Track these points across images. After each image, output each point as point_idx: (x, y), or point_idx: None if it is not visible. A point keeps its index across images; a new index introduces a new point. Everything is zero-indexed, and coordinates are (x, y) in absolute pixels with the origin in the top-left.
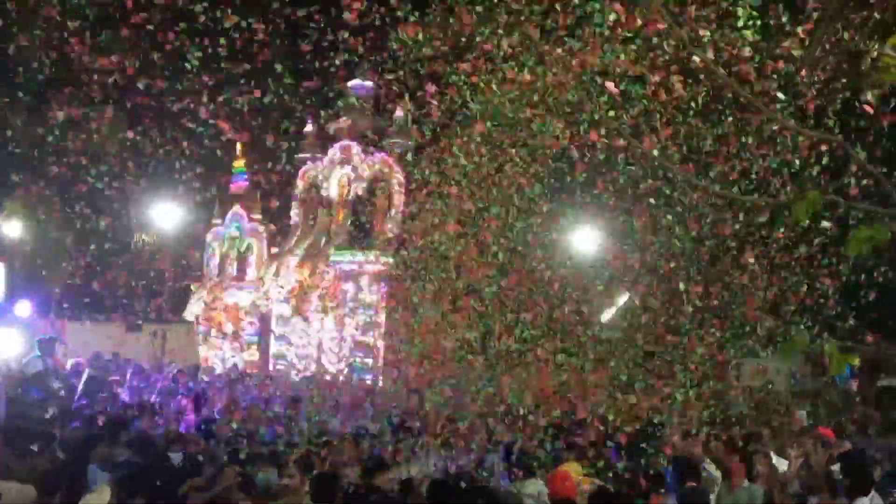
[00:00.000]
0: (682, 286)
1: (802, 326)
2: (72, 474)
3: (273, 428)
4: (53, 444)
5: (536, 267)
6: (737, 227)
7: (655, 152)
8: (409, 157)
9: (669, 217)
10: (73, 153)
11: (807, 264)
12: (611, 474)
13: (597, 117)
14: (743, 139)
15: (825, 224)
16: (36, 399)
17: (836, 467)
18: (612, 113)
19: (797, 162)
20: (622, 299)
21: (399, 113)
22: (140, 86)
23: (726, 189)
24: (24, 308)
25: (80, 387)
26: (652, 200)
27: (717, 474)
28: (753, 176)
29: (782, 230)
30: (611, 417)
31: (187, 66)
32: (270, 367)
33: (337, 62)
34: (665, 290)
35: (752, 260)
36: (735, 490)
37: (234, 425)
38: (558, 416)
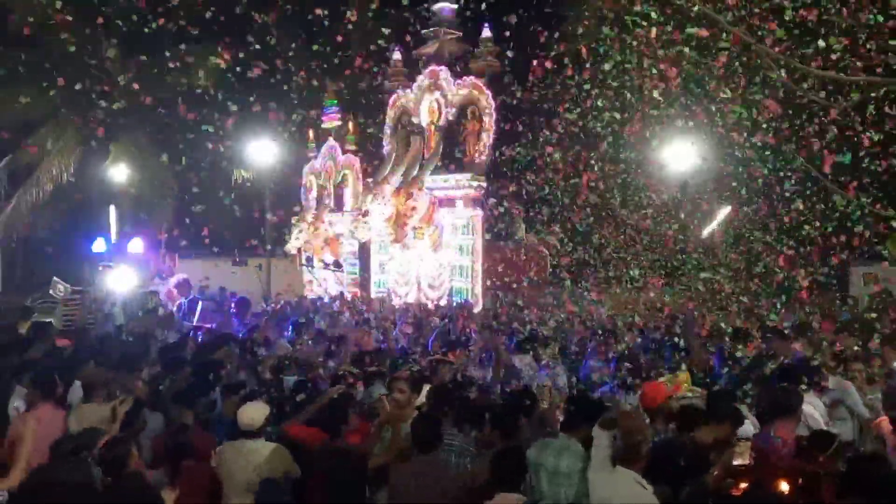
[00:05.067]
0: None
1: None
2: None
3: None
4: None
5: (642, 184)
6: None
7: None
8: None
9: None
10: (172, 94)
11: None
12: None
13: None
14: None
15: None
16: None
17: None
18: None
19: None
20: (723, 213)
21: (486, 34)
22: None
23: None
24: (136, 245)
25: (196, 317)
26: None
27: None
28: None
29: None
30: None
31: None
32: (373, 295)
33: None
34: (766, 200)
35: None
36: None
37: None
38: (668, 329)
